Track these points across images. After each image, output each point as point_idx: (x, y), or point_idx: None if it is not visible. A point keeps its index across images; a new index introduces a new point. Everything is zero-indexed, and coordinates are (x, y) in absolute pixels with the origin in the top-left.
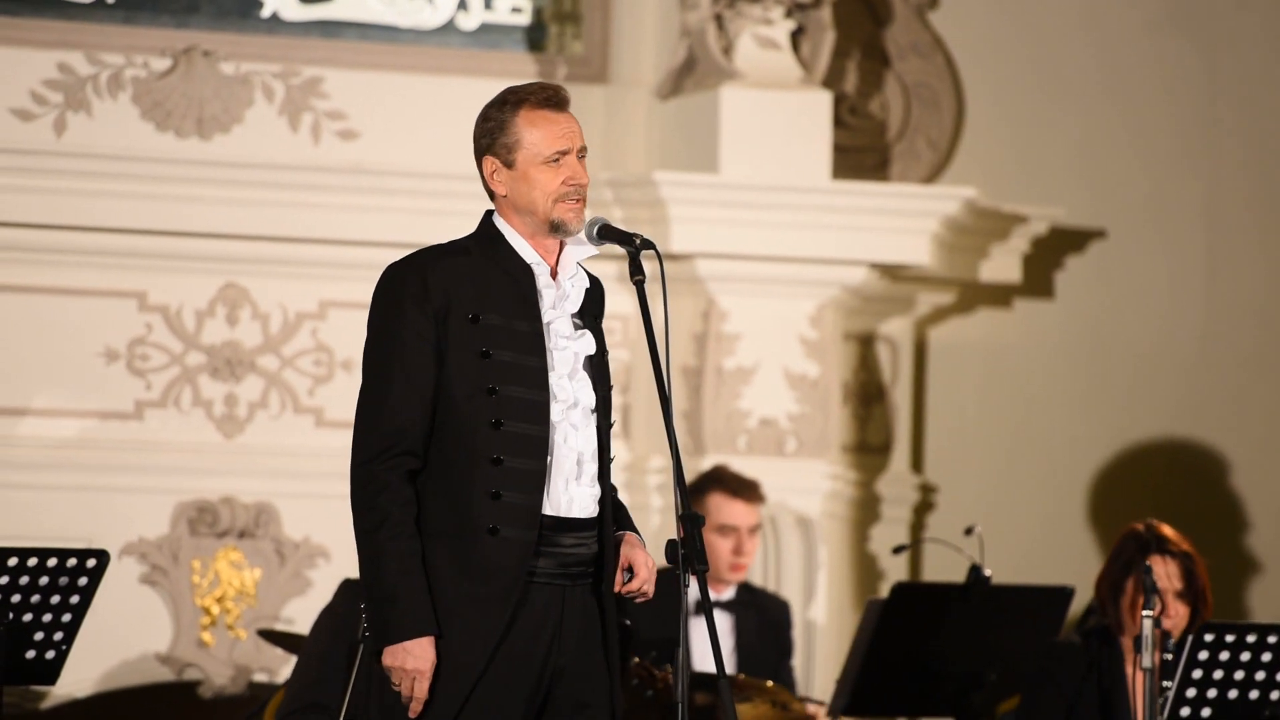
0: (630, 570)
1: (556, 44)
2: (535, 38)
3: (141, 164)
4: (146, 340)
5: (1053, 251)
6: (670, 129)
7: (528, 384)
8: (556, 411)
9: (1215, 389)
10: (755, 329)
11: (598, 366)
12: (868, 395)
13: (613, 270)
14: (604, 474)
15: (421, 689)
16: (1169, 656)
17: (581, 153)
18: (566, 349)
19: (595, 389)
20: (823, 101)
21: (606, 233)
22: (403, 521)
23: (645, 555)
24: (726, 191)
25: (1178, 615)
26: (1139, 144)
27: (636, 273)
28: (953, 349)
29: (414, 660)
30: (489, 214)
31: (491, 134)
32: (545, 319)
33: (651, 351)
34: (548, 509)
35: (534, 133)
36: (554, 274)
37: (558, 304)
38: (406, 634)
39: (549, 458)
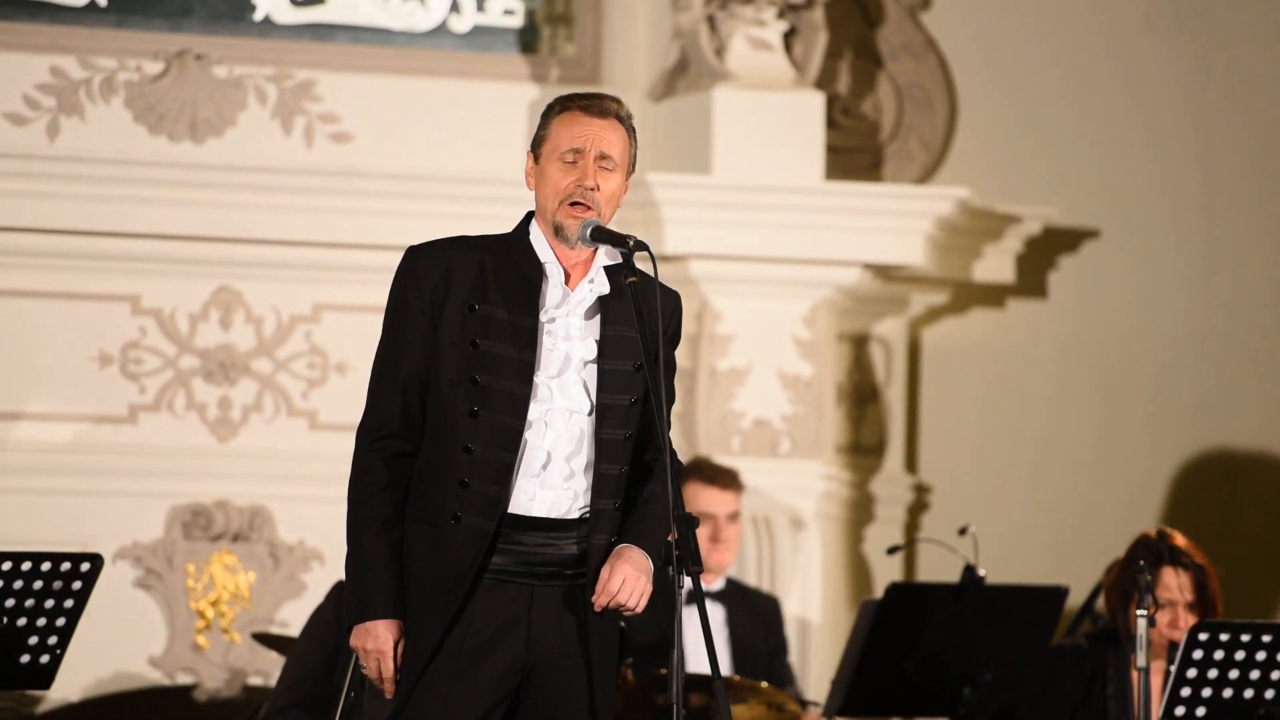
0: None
1: (549, 46)
2: (528, 40)
3: (134, 168)
4: (140, 344)
5: (1046, 251)
6: (663, 130)
7: (512, 377)
8: (535, 409)
9: (1211, 388)
10: (749, 330)
11: (614, 375)
12: (861, 396)
13: None
14: (602, 484)
15: (386, 669)
16: (1174, 668)
17: (603, 160)
18: (557, 349)
19: (597, 394)
20: (815, 102)
21: (600, 234)
22: (380, 504)
23: (625, 568)
24: (719, 193)
25: (1187, 625)
26: (1133, 144)
27: (630, 274)
28: (946, 349)
29: (374, 641)
30: (529, 213)
31: (536, 130)
32: (545, 317)
33: (645, 353)
34: (511, 505)
35: (559, 129)
36: (570, 277)
37: (564, 304)
38: (368, 615)
39: (520, 452)
